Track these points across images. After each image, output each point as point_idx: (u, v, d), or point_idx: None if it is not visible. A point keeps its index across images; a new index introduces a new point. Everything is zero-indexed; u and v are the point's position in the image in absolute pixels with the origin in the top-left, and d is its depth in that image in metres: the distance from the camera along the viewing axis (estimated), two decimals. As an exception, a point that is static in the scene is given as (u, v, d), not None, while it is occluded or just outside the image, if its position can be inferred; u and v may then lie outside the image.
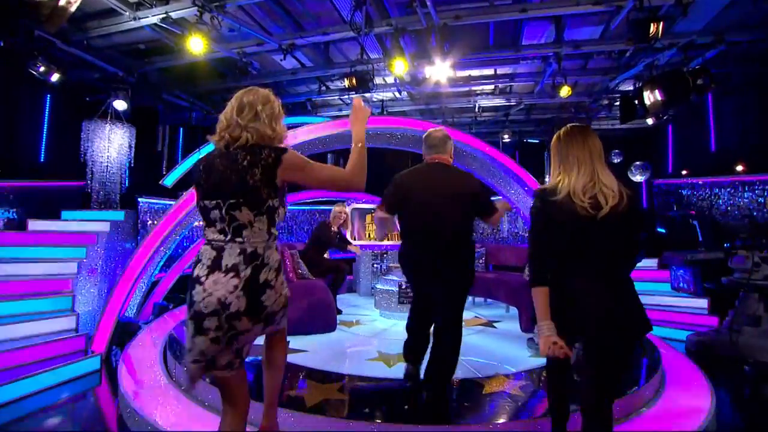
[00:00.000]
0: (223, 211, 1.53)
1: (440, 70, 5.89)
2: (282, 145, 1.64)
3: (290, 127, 4.26)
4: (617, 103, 8.46)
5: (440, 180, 2.45)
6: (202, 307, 1.48)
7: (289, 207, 2.67)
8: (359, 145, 1.69)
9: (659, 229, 6.47)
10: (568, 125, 1.82)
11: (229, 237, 1.54)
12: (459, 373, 2.98)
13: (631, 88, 7.16)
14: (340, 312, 4.94)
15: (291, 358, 2.48)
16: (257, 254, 1.54)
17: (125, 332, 4.27)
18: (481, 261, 5.93)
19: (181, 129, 9.08)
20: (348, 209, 5.93)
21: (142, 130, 7.08)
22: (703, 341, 4.30)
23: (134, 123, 6.87)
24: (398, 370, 3.09)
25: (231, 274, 1.49)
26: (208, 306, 1.47)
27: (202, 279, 1.51)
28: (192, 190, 1.84)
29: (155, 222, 4.56)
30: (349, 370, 3.08)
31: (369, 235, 6.18)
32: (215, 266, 1.51)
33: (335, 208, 5.54)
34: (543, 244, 1.70)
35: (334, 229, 5.46)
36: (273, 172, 1.54)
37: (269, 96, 1.68)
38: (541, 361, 2.48)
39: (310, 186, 1.68)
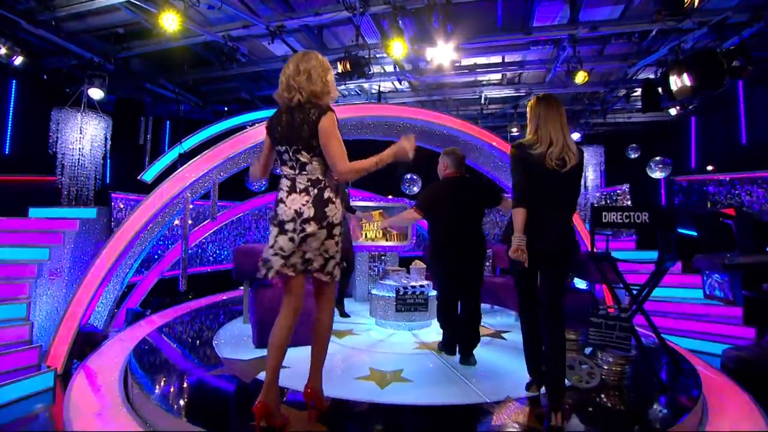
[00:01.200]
0: (291, 153, 2.07)
1: (443, 52, 5.36)
2: (328, 105, 2.09)
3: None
4: (635, 94, 7.89)
5: (459, 188, 3.24)
6: (285, 217, 2.02)
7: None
8: (376, 161, 2.10)
9: (683, 231, 5.87)
10: (544, 94, 2.35)
11: (297, 171, 2.07)
12: (463, 398, 2.61)
13: (652, 76, 6.59)
14: (347, 316, 4.64)
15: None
16: (320, 179, 2.07)
17: (87, 343, 3.81)
18: (488, 264, 5.38)
19: (168, 122, 8.59)
20: None
21: (123, 121, 6.59)
22: (742, 357, 3.75)
23: (115, 114, 6.38)
24: (391, 392, 2.69)
25: (303, 194, 2.03)
26: (288, 215, 2.01)
27: (284, 199, 2.05)
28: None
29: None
30: (333, 392, 2.59)
31: (365, 235, 5.67)
32: (292, 190, 2.05)
33: None
34: (523, 180, 2.26)
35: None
36: (316, 126, 2.01)
37: (318, 56, 2.12)
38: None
39: (322, 150, 2.04)
